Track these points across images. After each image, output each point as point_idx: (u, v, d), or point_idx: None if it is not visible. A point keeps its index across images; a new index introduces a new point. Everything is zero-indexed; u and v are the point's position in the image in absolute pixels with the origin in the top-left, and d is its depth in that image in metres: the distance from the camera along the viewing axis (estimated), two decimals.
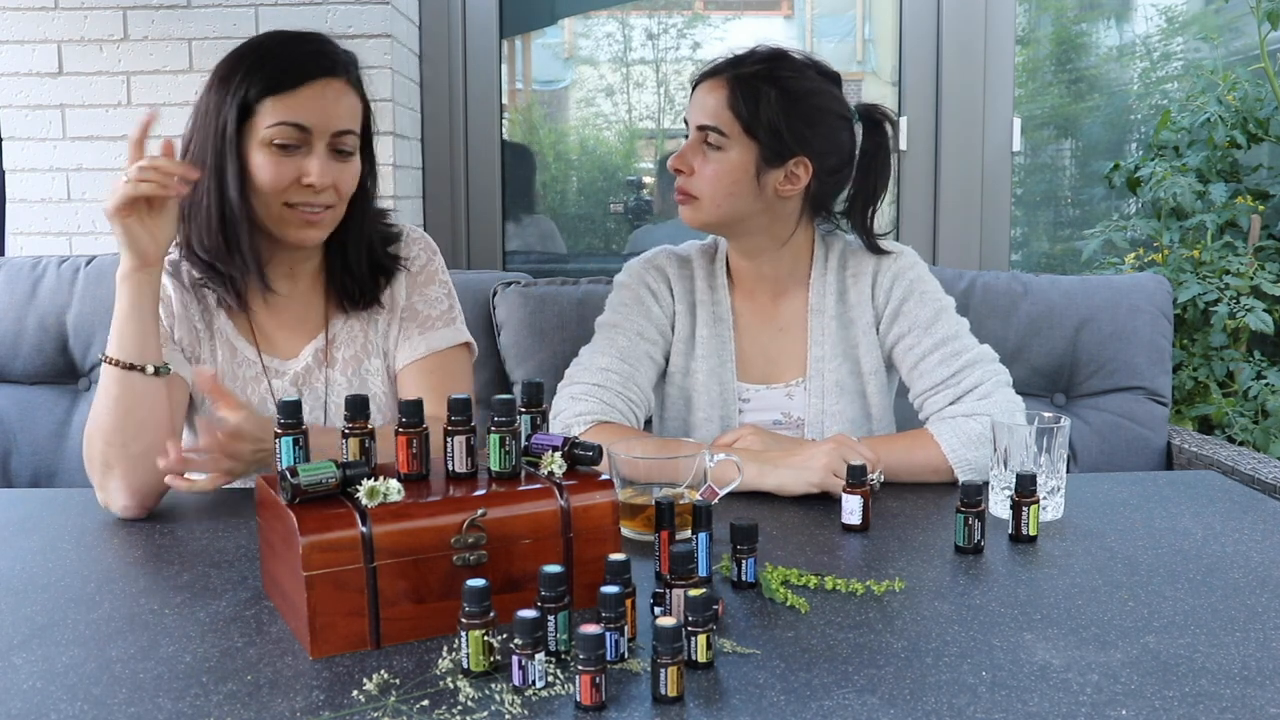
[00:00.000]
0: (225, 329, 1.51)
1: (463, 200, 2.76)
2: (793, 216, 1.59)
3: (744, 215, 1.56)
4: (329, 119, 1.40)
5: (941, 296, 1.60)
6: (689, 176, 1.55)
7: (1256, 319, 2.35)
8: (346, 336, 1.55)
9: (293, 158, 1.40)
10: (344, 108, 1.43)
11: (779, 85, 1.51)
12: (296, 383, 1.52)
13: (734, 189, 1.53)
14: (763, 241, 1.60)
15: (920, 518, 1.34)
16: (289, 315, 1.54)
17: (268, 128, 1.38)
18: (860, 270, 1.61)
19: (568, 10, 3.04)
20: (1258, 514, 1.35)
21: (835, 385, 1.60)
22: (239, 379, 1.51)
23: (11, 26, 2.43)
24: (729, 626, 1.01)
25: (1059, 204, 3.09)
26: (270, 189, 1.40)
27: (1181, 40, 3.04)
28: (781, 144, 1.51)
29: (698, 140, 1.54)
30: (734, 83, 1.52)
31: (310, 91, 1.40)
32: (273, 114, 1.38)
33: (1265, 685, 0.89)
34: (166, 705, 0.86)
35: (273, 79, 1.39)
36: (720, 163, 1.53)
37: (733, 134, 1.51)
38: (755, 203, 1.54)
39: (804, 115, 1.52)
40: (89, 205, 2.47)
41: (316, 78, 1.40)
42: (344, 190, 1.45)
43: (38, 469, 2.04)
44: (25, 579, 1.13)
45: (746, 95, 1.51)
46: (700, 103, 1.55)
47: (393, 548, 0.96)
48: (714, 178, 1.53)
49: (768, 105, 1.50)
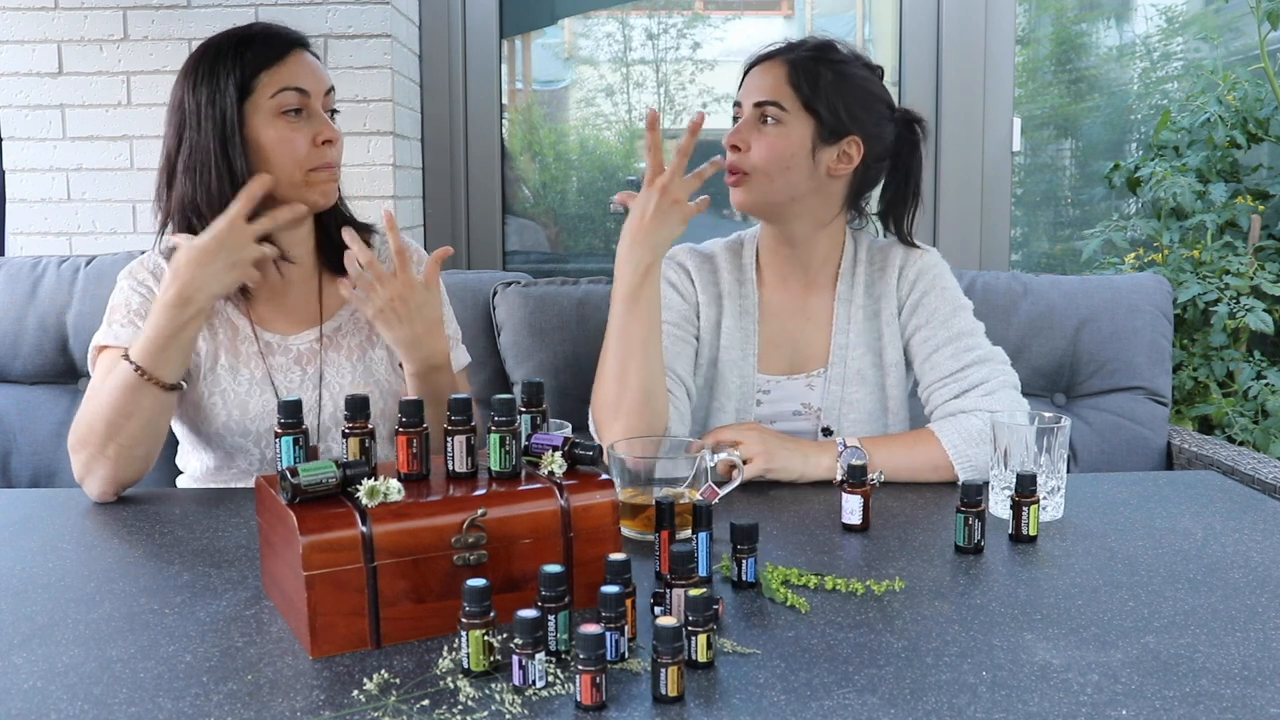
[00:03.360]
0: (224, 308, 1.55)
1: (463, 200, 2.76)
2: (838, 199, 1.61)
3: (795, 194, 1.57)
4: (319, 80, 1.49)
5: (961, 296, 1.62)
6: (744, 154, 1.56)
7: (1256, 319, 2.35)
8: (352, 326, 1.59)
9: (300, 124, 1.46)
10: (323, 72, 1.51)
11: (833, 68, 1.56)
12: (300, 362, 1.55)
13: (790, 163, 1.55)
14: (805, 225, 1.61)
15: (920, 518, 1.34)
16: (288, 296, 1.58)
17: (271, 97, 1.44)
18: (888, 263, 1.63)
19: (568, 10, 3.04)
20: (1258, 514, 1.35)
21: (856, 374, 1.61)
22: (241, 355, 1.53)
23: (11, 26, 2.43)
24: (729, 626, 1.01)
25: (1059, 204, 3.09)
26: (292, 158, 1.45)
27: (1181, 40, 3.04)
28: (839, 121, 1.55)
29: (754, 117, 1.56)
30: (792, 63, 1.56)
31: (295, 59, 1.47)
32: (273, 84, 1.44)
33: (1265, 685, 0.89)
34: (166, 705, 0.86)
35: (262, 54, 1.45)
36: (779, 137, 1.55)
37: (792, 109, 1.54)
38: (808, 180, 1.56)
39: (858, 97, 1.56)
40: (89, 205, 2.47)
41: (295, 48, 1.49)
42: (341, 146, 1.52)
43: (38, 469, 2.04)
44: (25, 579, 1.13)
45: (806, 73, 1.55)
46: (757, 83, 1.57)
47: (393, 547, 0.96)
48: (770, 152, 1.55)
49: (826, 83, 1.54)
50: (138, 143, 2.45)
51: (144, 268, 1.55)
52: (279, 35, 1.48)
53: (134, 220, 2.47)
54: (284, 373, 1.54)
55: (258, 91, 1.44)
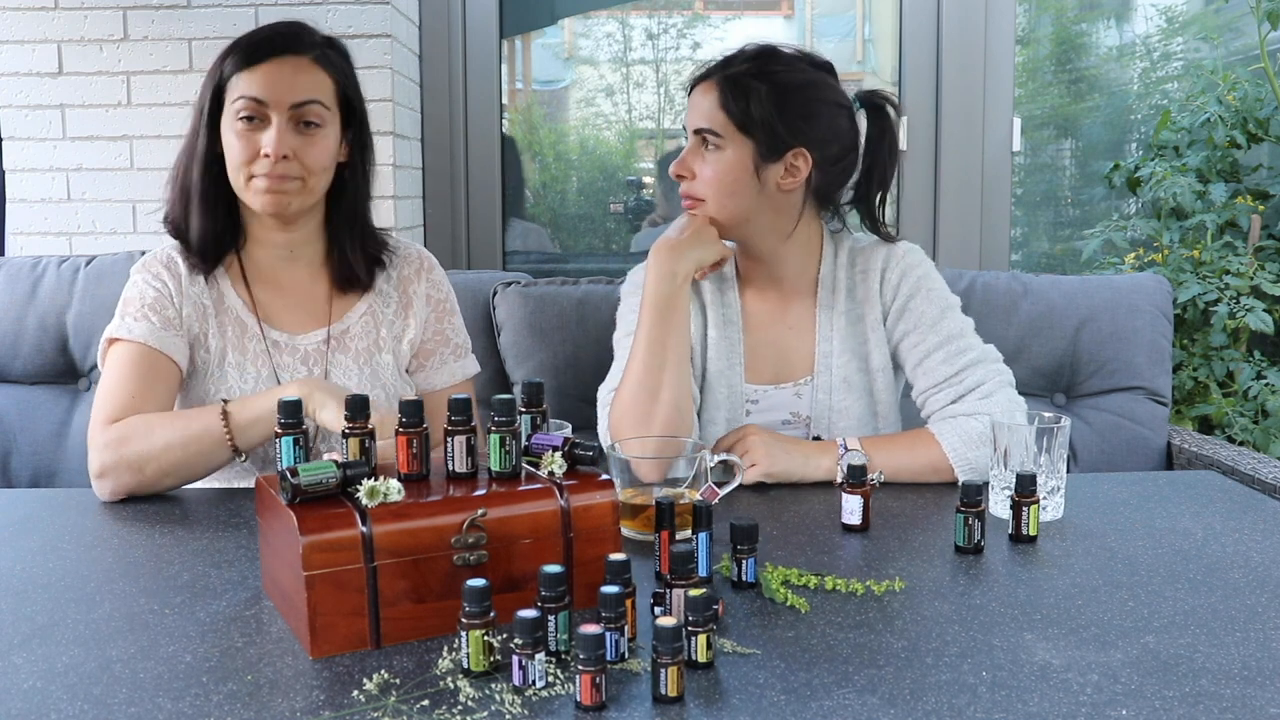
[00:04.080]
0: (235, 306, 1.56)
1: (463, 200, 2.76)
2: (795, 210, 1.59)
3: (749, 214, 1.56)
4: (285, 92, 1.47)
5: (948, 295, 1.60)
6: (691, 181, 1.56)
7: (1256, 319, 2.35)
8: (360, 329, 1.59)
9: (255, 133, 1.47)
10: (303, 81, 1.49)
11: (769, 80, 1.52)
12: (307, 362, 1.55)
13: (735, 187, 1.53)
14: (769, 240, 1.60)
15: (920, 518, 1.34)
16: (293, 297, 1.59)
17: (231, 103, 1.48)
18: (869, 266, 1.61)
19: (568, 10, 3.04)
20: (1258, 514, 1.35)
21: (843, 381, 1.60)
22: (248, 353, 1.54)
23: (11, 26, 2.43)
24: (729, 626, 1.00)
25: (1059, 204, 3.09)
26: (235, 161, 1.48)
27: (1181, 40, 3.04)
28: (776, 138, 1.52)
29: (696, 144, 1.56)
30: (724, 83, 1.53)
31: (269, 67, 1.48)
32: (236, 90, 1.48)
33: (1265, 685, 0.89)
34: (166, 705, 0.86)
35: (239, 59, 1.49)
36: (719, 163, 1.53)
37: (727, 134, 1.52)
38: (758, 199, 1.55)
39: (798, 107, 1.53)
40: (89, 205, 2.47)
41: (276, 55, 1.49)
42: (310, 163, 1.49)
43: (38, 469, 2.04)
44: (25, 579, 1.13)
45: (736, 94, 1.52)
46: (695, 106, 1.56)
47: (393, 548, 0.96)
48: (714, 178, 1.54)
49: (758, 101, 1.51)
50: (138, 143, 2.45)
51: (158, 261, 1.56)
52: (262, 42, 1.49)
53: (134, 220, 2.47)
54: (290, 371, 1.54)
55: (227, 95, 1.49)
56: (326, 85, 1.51)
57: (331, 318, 1.59)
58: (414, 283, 1.64)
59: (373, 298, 1.61)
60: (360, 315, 1.60)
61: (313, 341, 1.57)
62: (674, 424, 1.45)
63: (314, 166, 1.49)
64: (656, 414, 1.45)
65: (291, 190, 1.49)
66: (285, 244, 1.57)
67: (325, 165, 1.51)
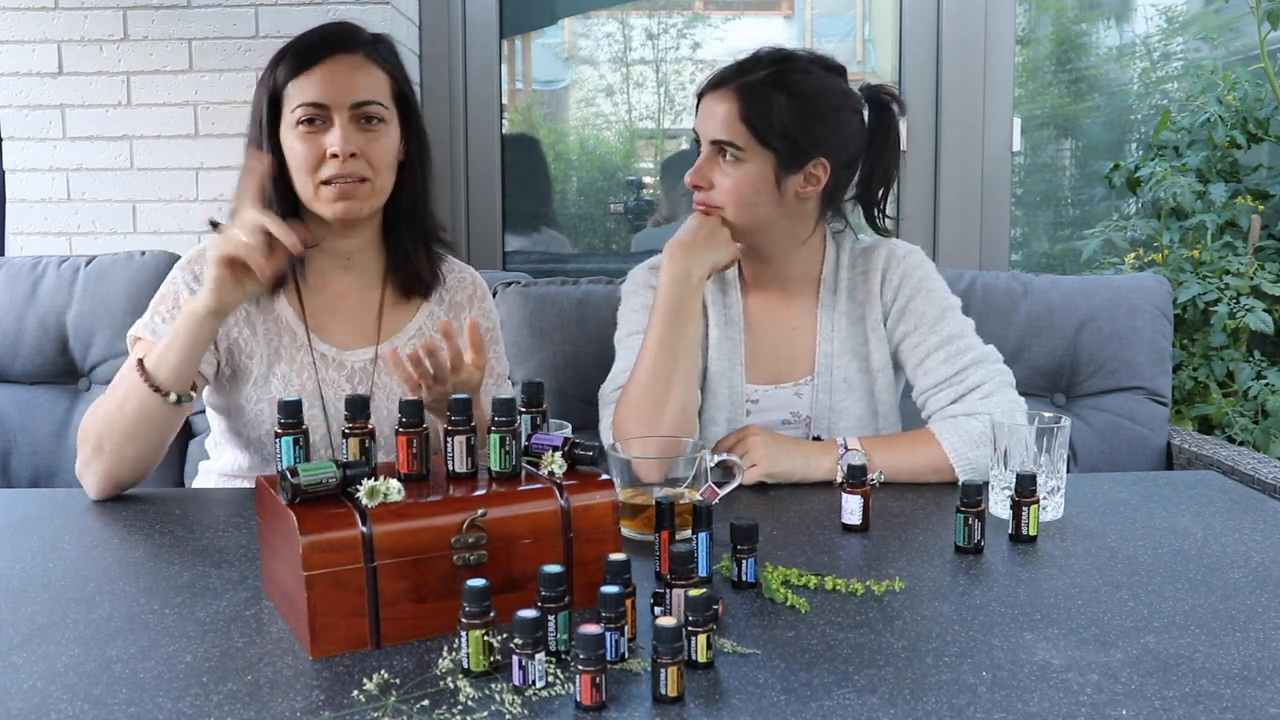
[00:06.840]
0: (285, 314, 1.53)
1: (463, 200, 2.76)
2: (812, 216, 1.59)
3: (766, 222, 1.55)
4: (345, 92, 1.45)
5: (948, 295, 1.60)
6: (709, 191, 1.54)
7: (1256, 319, 2.35)
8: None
9: (319, 135, 1.45)
10: (361, 80, 1.47)
11: (788, 90, 1.49)
12: (352, 380, 1.53)
13: (755, 199, 1.52)
14: (782, 245, 1.60)
15: (920, 518, 1.34)
16: (345, 308, 1.56)
17: (291, 111, 1.45)
18: (870, 267, 1.61)
19: (568, 10, 3.04)
20: (1258, 514, 1.35)
21: (844, 381, 1.60)
22: (295, 363, 1.51)
23: (11, 26, 2.43)
24: (729, 626, 1.00)
25: (1059, 204, 3.09)
26: (303, 167, 1.45)
27: (1181, 40, 3.04)
28: (798, 150, 1.50)
29: (713, 154, 1.52)
30: (742, 92, 1.49)
31: (325, 69, 1.45)
32: (295, 97, 1.45)
33: (1265, 685, 0.89)
34: (166, 705, 0.86)
35: (293, 65, 1.46)
36: (739, 175, 1.51)
37: (748, 147, 1.49)
38: (777, 209, 1.54)
39: (817, 116, 1.50)
40: (89, 205, 2.47)
41: (329, 56, 1.46)
42: (376, 160, 1.47)
43: (38, 469, 2.04)
44: (25, 579, 1.13)
45: (757, 105, 1.48)
46: (710, 114, 1.52)
47: (393, 548, 0.96)
48: (734, 190, 1.51)
49: (779, 113, 1.48)
50: (138, 143, 2.45)
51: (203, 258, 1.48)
52: (314, 45, 1.46)
53: (134, 220, 2.47)
54: (334, 387, 1.51)
55: (284, 103, 1.46)
56: (383, 81, 1.49)
57: (381, 335, 1.56)
58: (465, 309, 1.61)
59: (423, 320, 1.58)
60: (410, 337, 1.56)
61: (360, 360, 1.54)
62: (680, 427, 1.45)
63: (379, 164, 1.47)
64: (664, 416, 1.45)
65: (362, 194, 1.46)
66: (344, 251, 1.54)
67: (390, 162, 1.49)
